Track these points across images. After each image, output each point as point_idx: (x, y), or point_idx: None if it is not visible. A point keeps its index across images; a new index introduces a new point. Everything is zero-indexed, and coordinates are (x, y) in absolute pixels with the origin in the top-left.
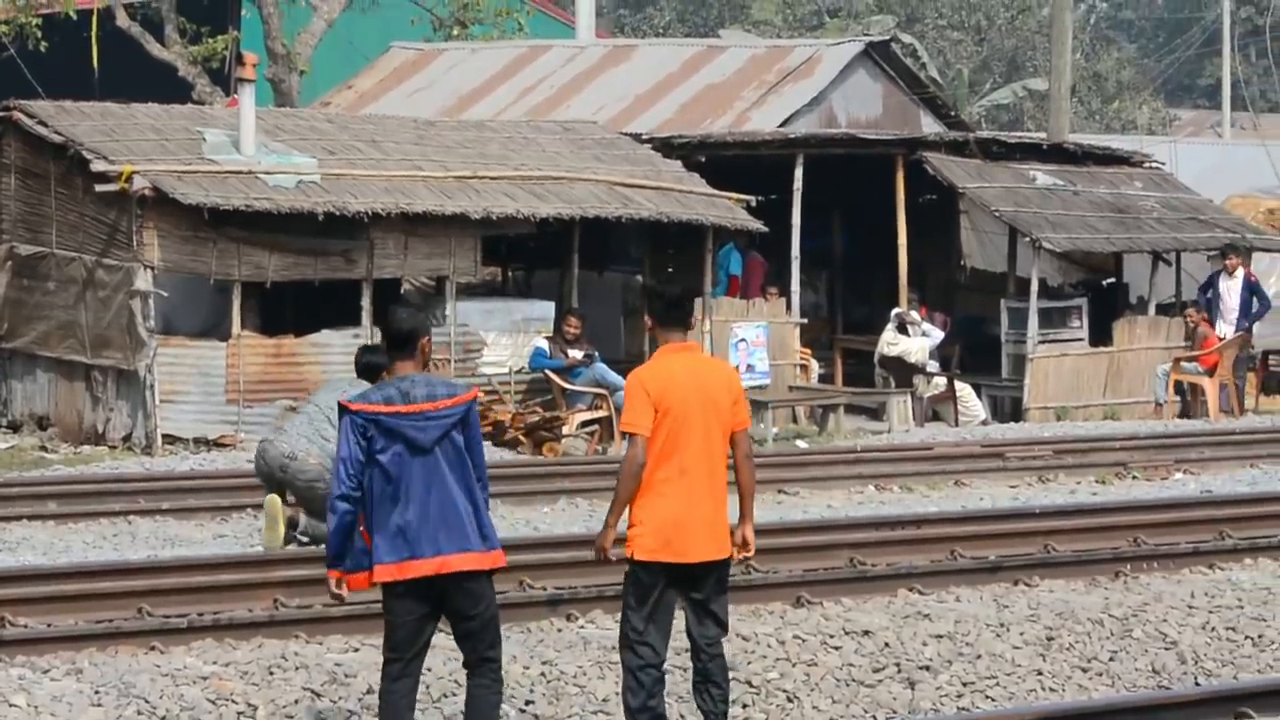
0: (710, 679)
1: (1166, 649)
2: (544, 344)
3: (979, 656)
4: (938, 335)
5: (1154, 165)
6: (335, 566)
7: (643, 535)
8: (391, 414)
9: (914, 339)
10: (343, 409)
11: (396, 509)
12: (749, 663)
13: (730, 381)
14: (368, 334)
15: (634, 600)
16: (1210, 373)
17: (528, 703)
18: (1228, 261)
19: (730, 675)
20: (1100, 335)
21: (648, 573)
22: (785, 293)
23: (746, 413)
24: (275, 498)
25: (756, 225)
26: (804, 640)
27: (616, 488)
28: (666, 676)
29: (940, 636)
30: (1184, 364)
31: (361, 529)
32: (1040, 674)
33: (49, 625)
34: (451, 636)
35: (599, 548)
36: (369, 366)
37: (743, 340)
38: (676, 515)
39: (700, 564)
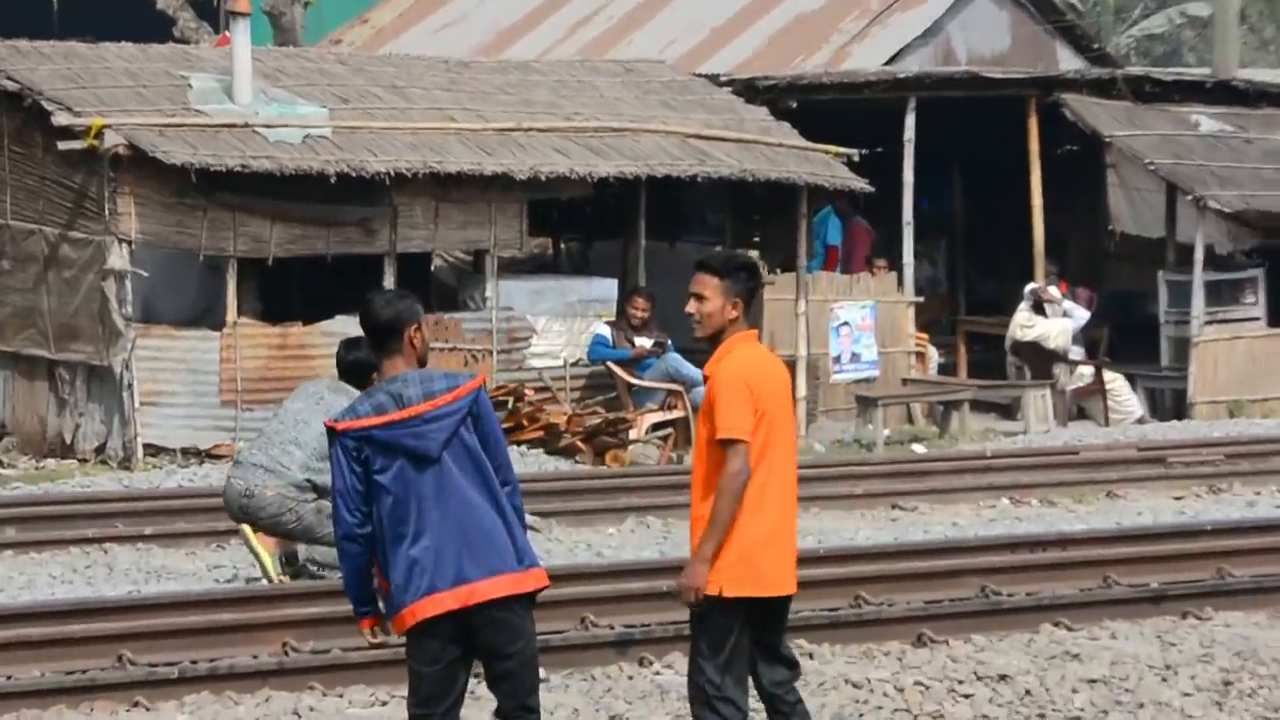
0: None
1: None
2: (605, 330)
3: (1141, 705)
4: (1082, 315)
5: None
6: (366, 613)
7: (732, 566)
8: (384, 425)
9: (1053, 320)
10: (330, 433)
11: (406, 540)
12: (860, 715)
13: (788, 377)
14: None
15: (708, 647)
16: None
17: None
18: None
19: None
20: None
21: (727, 612)
22: (896, 266)
23: None
24: (245, 526)
25: (860, 184)
26: (927, 687)
27: (716, 511)
28: None
29: (1093, 681)
30: None
31: (375, 570)
32: None
33: (9, 678)
34: (483, 681)
35: (690, 587)
36: (355, 366)
37: (845, 324)
38: (763, 539)
39: (781, 599)
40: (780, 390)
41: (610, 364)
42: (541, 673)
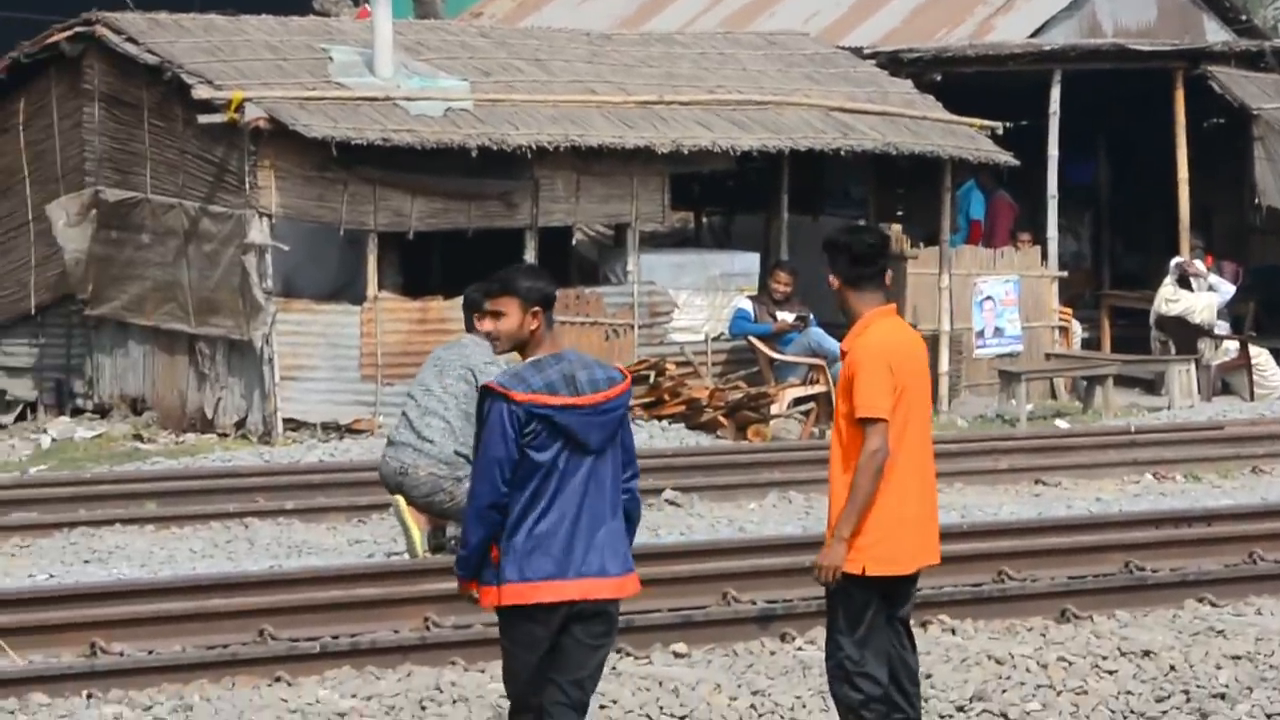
0: (914, 715)
1: None
2: (747, 305)
3: None
4: (1228, 290)
5: None
6: (472, 578)
7: (874, 545)
8: (563, 408)
9: (1199, 294)
10: (494, 395)
11: (533, 515)
12: (1004, 691)
13: (925, 352)
14: None
15: (846, 623)
16: None
17: None
18: None
19: (983, 707)
20: None
21: (865, 589)
22: (1040, 240)
23: None
24: (399, 498)
25: (1005, 157)
26: (1070, 663)
27: (855, 489)
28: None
29: (1238, 658)
30: None
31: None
32: None
33: (150, 652)
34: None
35: (829, 567)
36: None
37: (989, 298)
38: (908, 517)
39: (912, 574)
40: (918, 366)
41: (752, 338)
42: (682, 647)
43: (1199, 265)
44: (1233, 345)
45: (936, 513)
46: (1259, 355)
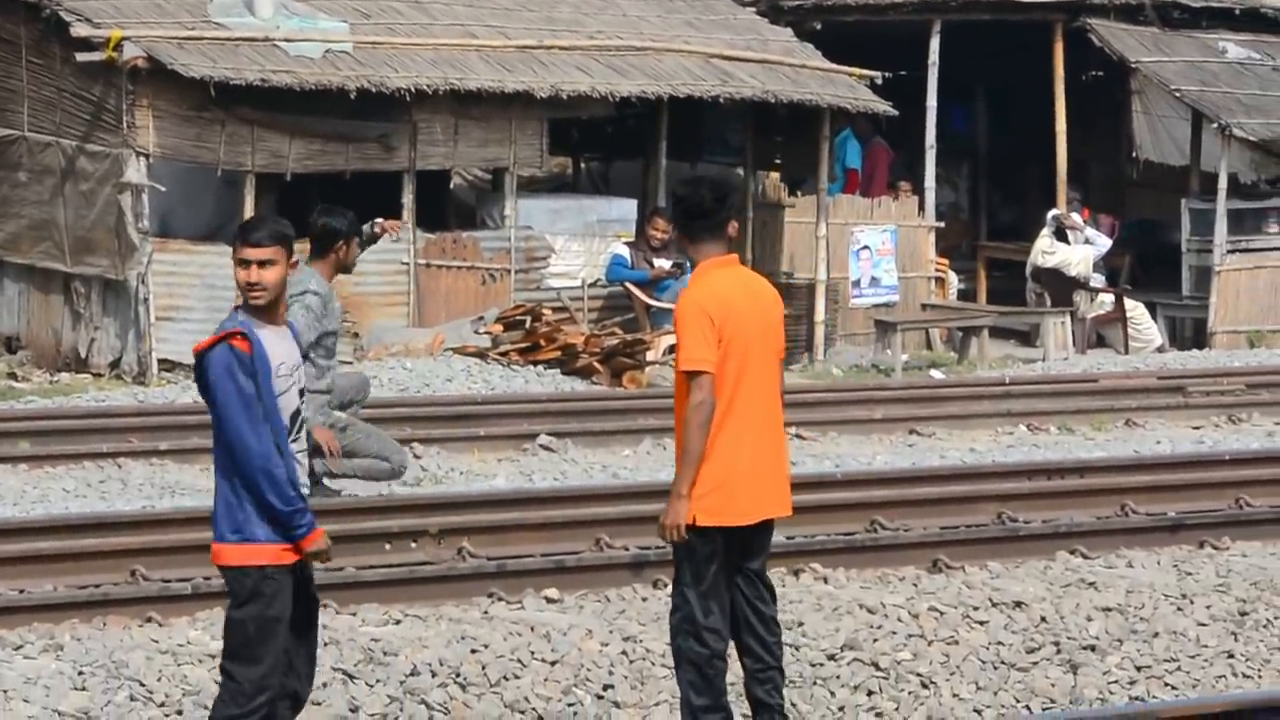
0: (775, 667)
1: None
2: (624, 251)
3: (1156, 635)
4: (1104, 243)
5: None
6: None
7: (706, 496)
8: None
9: (1075, 247)
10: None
11: None
12: (875, 640)
13: (778, 300)
14: (411, 236)
15: (690, 576)
16: None
17: (606, 687)
18: None
19: (854, 655)
20: None
21: (706, 540)
22: (918, 190)
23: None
24: None
25: (884, 107)
26: (942, 613)
27: (685, 444)
28: None
29: (1109, 610)
30: None
31: None
32: (1231, 656)
33: (21, 592)
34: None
35: (670, 525)
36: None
37: (865, 248)
38: (742, 468)
39: (759, 525)
40: (755, 317)
41: (628, 285)
42: (554, 592)
43: (1075, 218)
44: (1108, 298)
45: (783, 464)
46: (1134, 309)
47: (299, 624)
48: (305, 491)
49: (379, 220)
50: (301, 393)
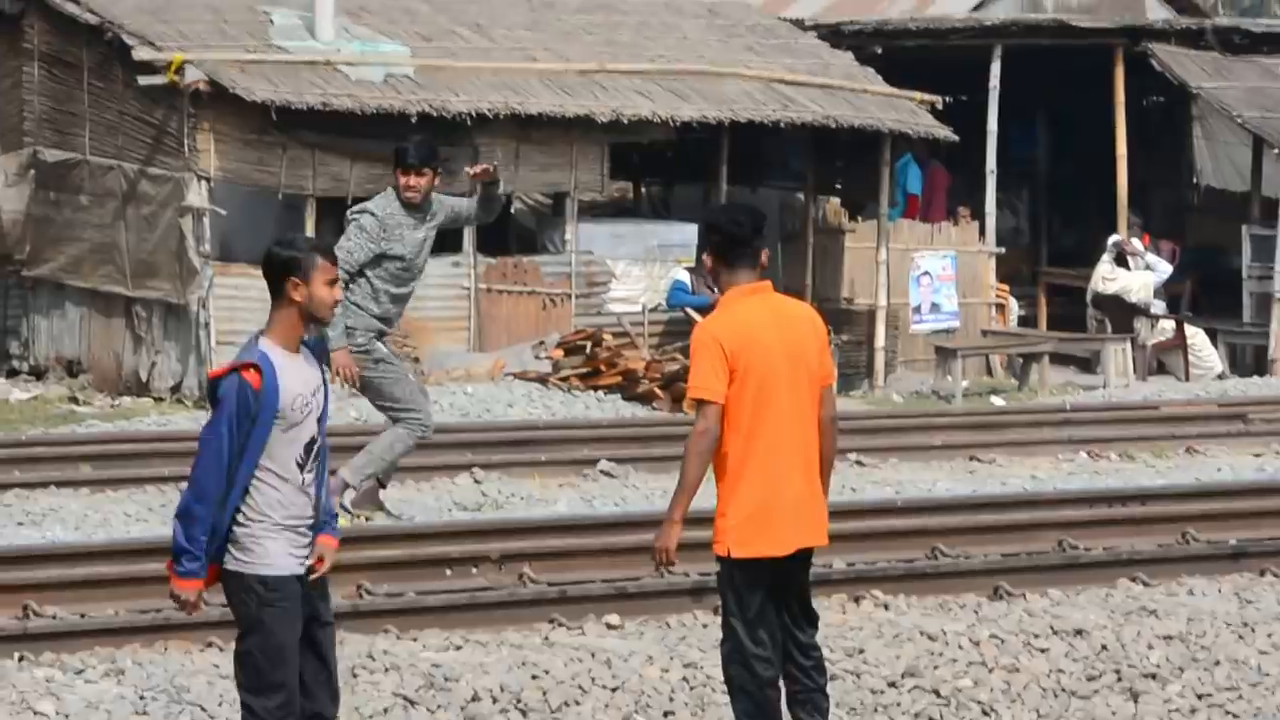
0: (816, 689)
1: None
2: (685, 276)
3: (1217, 663)
4: (1164, 269)
5: None
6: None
7: (737, 527)
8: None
9: (1135, 273)
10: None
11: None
12: (935, 668)
13: (817, 326)
14: (472, 261)
15: (735, 606)
16: None
17: (666, 714)
18: None
19: (914, 682)
20: None
21: (747, 571)
22: (978, 215)
23: (833, 364)
24: None
25: (945, 132)
26: (1002, 641)
27: (683, 470)
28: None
29: (1169, 638)
30: None
31: None
32: None
33: (83, 616)
34: None
35: (661, 549)
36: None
37: (926, 274)
38: (773, 499)
39: (796, 555)
40: (780, 342)
41: (689, 310)
42: (615, 618)
43: (1136, 244)
44: (1169, 325)
45: (818, 493)
46: (1194, 335)
47: (312, 647)
48: (310, 523)
49: (468, 169)
50: (321, 419)
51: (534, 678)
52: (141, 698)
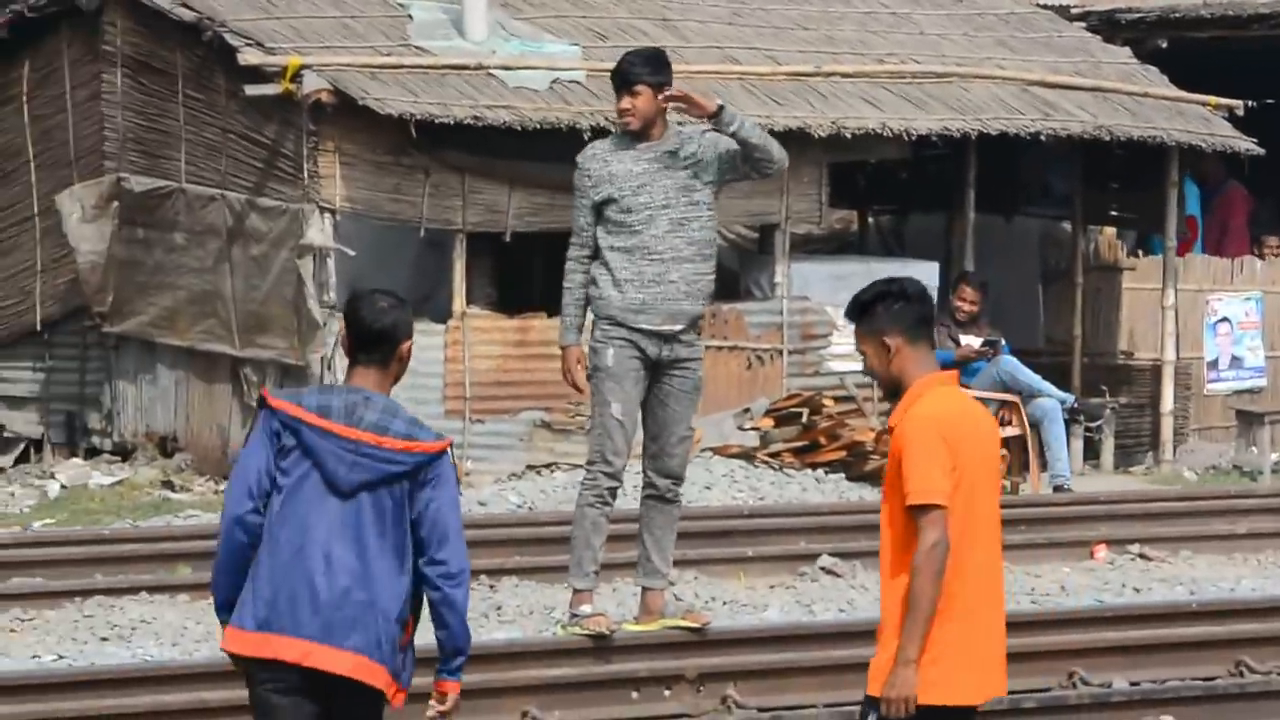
0: None
1: None
2: None
3: None
4: None
5: None
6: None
7: (952, 670)
8: (315, 427)
9: None
10: (260, 401)
11: (269, 554)
12: None
13: (997, 430)
14: None
15: None
16: None
17: None
18: None
19: None
20: None
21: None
22: None
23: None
24: None
25: (1248, 144)
26: None
27: (914, 596)
28: None
29: None
30: None
31: None
32: None
33: None
34: None
35: (899, 699)
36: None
37: (1224, 320)
38: (964, 636)
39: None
40: (985, 448)
41: None
42: None
43: None
44: None
45: (1002, 636)
46: None
47: None
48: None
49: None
50: None
51: None
52: None
